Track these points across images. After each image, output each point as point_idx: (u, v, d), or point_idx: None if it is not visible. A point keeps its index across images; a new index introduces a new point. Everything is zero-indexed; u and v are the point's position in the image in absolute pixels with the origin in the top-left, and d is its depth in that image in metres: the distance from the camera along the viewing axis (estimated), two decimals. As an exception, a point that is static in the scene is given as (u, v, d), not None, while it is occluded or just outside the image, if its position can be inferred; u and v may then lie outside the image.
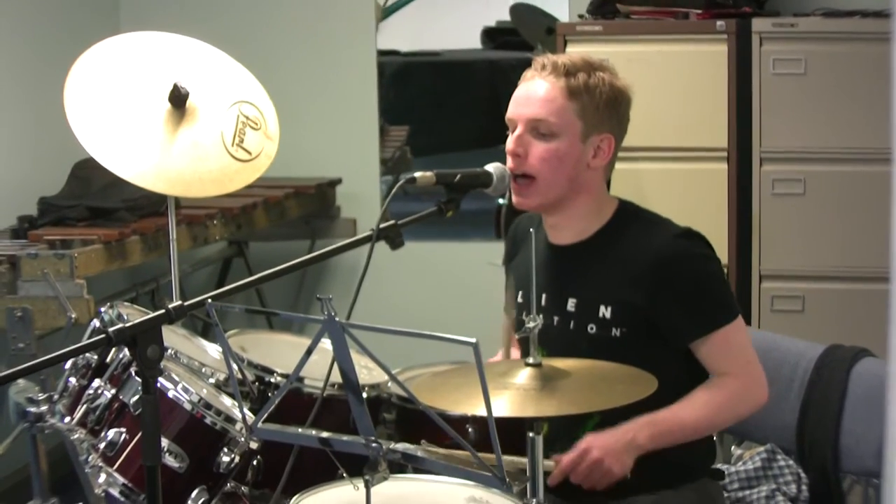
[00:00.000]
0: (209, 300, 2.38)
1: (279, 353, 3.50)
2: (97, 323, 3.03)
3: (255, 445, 2.87)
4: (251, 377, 3.25)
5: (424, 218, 2.66)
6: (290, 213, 5.39)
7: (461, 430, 3.11)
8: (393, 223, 2.59)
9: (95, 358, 2.93)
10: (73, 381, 2.93)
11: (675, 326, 2.85)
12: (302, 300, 5.84)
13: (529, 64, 2.94)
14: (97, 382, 2.85)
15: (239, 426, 2.81)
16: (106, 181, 4.34)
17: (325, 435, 2.47)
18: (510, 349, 3.07)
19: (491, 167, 2.78)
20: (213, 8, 5.70)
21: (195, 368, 3.12)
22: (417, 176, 2.64)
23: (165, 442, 2.72)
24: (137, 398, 2.73)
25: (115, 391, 2.82)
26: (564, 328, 2.91)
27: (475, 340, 2.11)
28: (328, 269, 5.76)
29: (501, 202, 4.90)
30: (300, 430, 2.55)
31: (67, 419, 2.84)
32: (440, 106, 6.34)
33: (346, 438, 2.44)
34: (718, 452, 3.33)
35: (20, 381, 2.80)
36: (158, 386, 2.55)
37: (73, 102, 3.11)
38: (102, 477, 2.74)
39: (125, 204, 4.34)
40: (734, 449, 3.49)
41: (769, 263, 4.62)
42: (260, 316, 5.24)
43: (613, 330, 2.85)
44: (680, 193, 4.60)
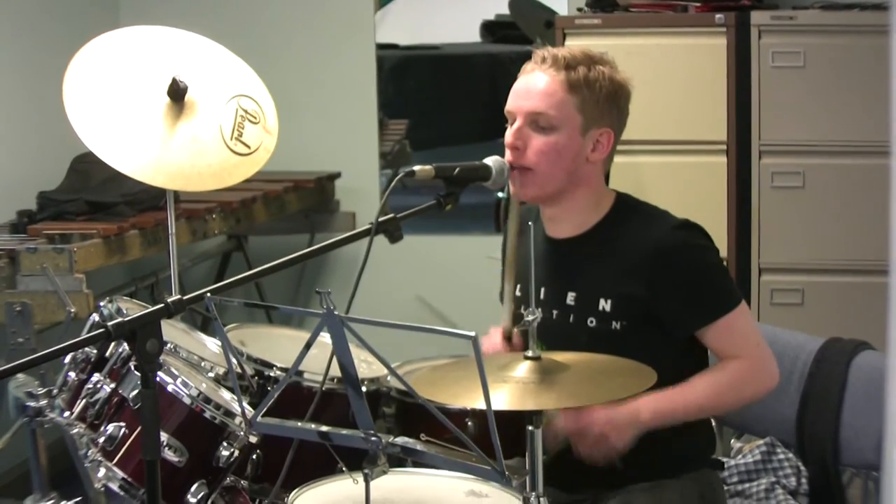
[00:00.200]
0: (208, 294, 2.38)
1: (278, 347, 3.50)
2: (96, 317, 3.03)
3: (254, 439, 2.87)
4: (250, 371, 3.25)
5: (423, 211, 2.65)
6: (289, 207, 5.38)
7: (460, 423, 3.11)
8: (392, 217, 2.59)
9: (95, 352, 2.93)
10: (72, 375, 2.93)
11: (678, 317, 2.85)
12: (301, 294, 5.83)
13: (529, 57, 2.94)
14: (96, 377, 2.85)
15: (238, 420, 2.81)
16: (105, 175, 4.33)
17: (324, 429, 2.47)
18: (511, 332, 3.03)
19: (490, 160, 2.78)
20: (212, 2, 5.70)
21: (194, 363, 3.12)
22: (416, 169, 2.63)
23: (165, 436, 2.72)
24: (137, 392, 2.73)
25: (114, 385, 2.82)
26: (564, 322, 2.91)
27: (474, 334, 2.11)
28: (327, 262, 5.76)
29: (500, 196, 4.90)
30: (299, 424, 2.55)
31: (67, 414, 2.84)
32: (439, 100, 6.34)
33: (345, 432, 2.44)
34: (718, 445, 3.33)
35: (20, 375, 2.80)
36: (158, 380, 2.55)
37: (72, 97, 3.10)
38: (102, 471, 2.73)
39: (124, 198, 4.33)
40: (734, 442, 3.49)
41: (768, 256, 4.62)
42: (259, 310, 5.23)
43: (613, 323, 2.85)
44: (679, 187, 4.60)
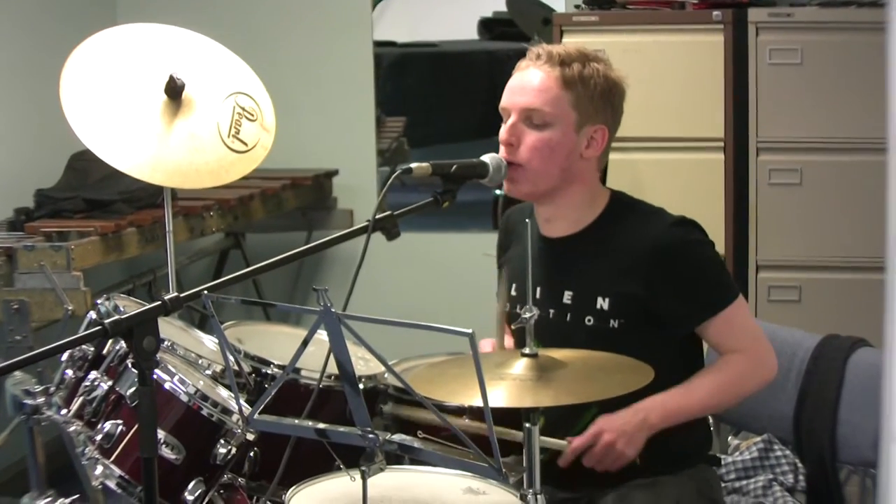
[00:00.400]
0: (205, 292, 2.37)
1: (276, 344, 3.49)
2: (94, 315, 3.03)
3: (251, 437, 2.87)
4: (248, 368, 3.24)
5: (420, 209, 2.65)
6: (286, 204, 5.39)
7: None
8: (389, 214, 2.58)
9: (92, 350, 2.92)
10: (69, 373, 2.93)
11: (677, 313, 2.85)
12: (299, 291, 5.84)
13: (526, 54, 2.94)
14: (94, 374, 2.84)
15: (235, 418, 2.80)
16: (102, 173, 4.33)
17: (321, 426, 2.47)
18: (503, 338, 3.05)
19: (487, 158, 2.77)
20: (210, 0, 5.70)
21: (192, 360, 3.11)
22: (413, 167, 2.63)
23: (162, 434, 2.72)
24: (134, 390, 2.73)
25: (111, 383, 2.82)
26: (561, 321, 2.90)
27: (471, 331, 2.10)
28: (325, 260, 5.76)
29: (498, 193, 4.90)
30: (297, 421, 2.55)
31: (64, 411, 2.83)
32: (437, 97, 6.34)
33: (342, 430, 2.44)
34: (715, 442, 3.33)
35: (17, 373, 2.80)
36: (155, 378, 2.55)
37: (69, 94, 3.10)
38: (99, 469, 2.73)
39: (122, 196, 4.33)
40: (731, 439, 3.49)
41: (766, 253, 4.62)
42: (257, 307, 5.24)
43: (611, 321, 2.85)
44: (676, 183, 4.60)
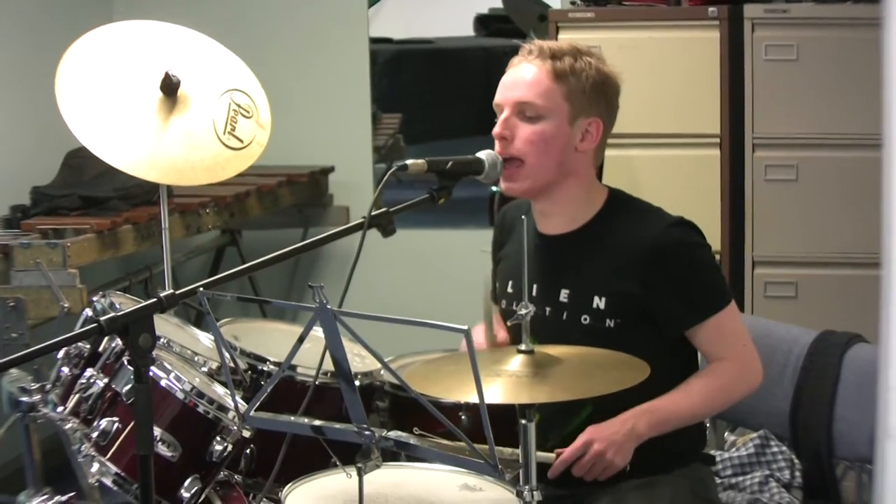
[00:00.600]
0: (201, 289, 2.37)
1: (272, 341, 3.49)
2: (90, 312, 3.02)
3: (247, 434, 2.87)
4: (244, 366, 3.24)
5: (416, 205, 2.65)
6: (282, 201, 5.38)
7: (454, 417, 3.11)
8: (385, 211, 2.58)
9: (88, 347, 2.92)
10: (65, 370, 2.92)
11: (670, 315, 2.84)
12: (295, 288, 5.84)
13: (523, 51, 2.94)
14: (90, 372, 2.84)
15: (232, 415, 2.80)
16: (98, 170, 4.33)
17: (317, 423, 2.46)
18: (491, 325, 3.02)
19: (483, 154, 2.77)
20: (205, -4, 5.70)
21: (188, 357, 3.11)
22: (409, 163, 2.62)
23: (158, 431, 2.72)
24: (130, 387, 2.72)
25: (107, 380, 2.81)
26: (557, 319, 2.90)
27: (467, 328, 2.10)
28: (321, 257, 5.76)
29: (495, 190, 4.90)
30: (293, 418, 2.55)
31: (60, 409, 2.83)
32: (433, 93, 6.34)
33: (338, 426, 2.44)
34: (711, 439, 3.33)
35: (13, 370, 2.79)
36: (151, 375, 2.56)
37: (64, 91, 3.10)
38: (95, 466, 2.73)
39: (117, 193, 4.33)
40: (727, 435, 3.49)
41: (762, 249, 4.63)
42: (253, 304, 5.23)
43: (607, 321, 2.84)
44: (673, 180, 4.60)
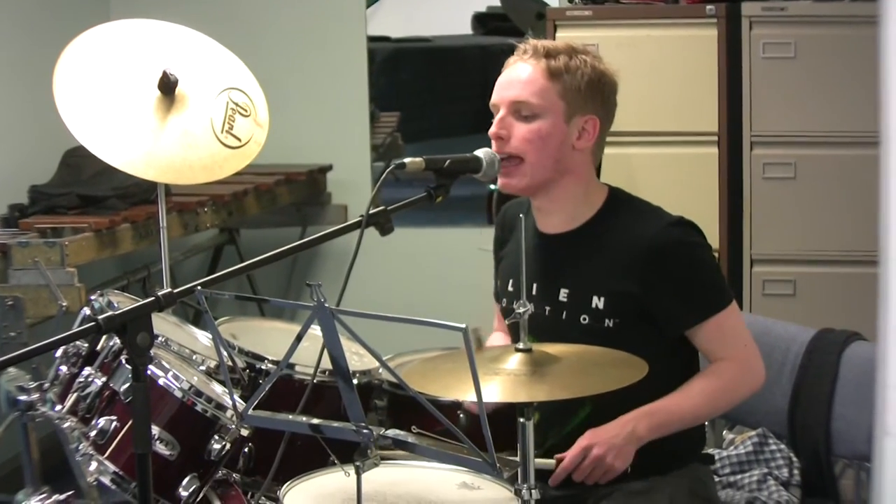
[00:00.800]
0: (199, 287, 2.37)
1: (270, 339, 3.49)
2: (88, 311, 3.02)
3: (245, 432, 2.87)
4: (242, 364, 3.24)
5: (414, 204, 2.65)
6: (281, 199, 5.38)
7: (452, 416, 3.11)
8: (383, 209, 2.58)
9: (86, 346, 2.92)
10: (63, 369, 2.93)
11: (669, 315, 2.84)
12: (293, 287, 5.84)
13: (521, 50, 2.94)
14: (88, 370, 2.85)
15: (230, 413, 2.80)
16: (96, 169, 4.33)
17: (315, 422, 2.46)
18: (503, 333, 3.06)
19: (480, 152, 2.77)
20: (203, -5, 5.69)
21: (186, 356, 3.11)
22: (407, 161, 2.62)
23: (156, 429, 2.72)
24: (128, 386, 2.72)
25: (105, 379, 2.82)
26: (556, 318, 2.89)
27: (465, 326, 2.10)
28: (319, 255, 5.76)
29: (493, 188, 4.90)
30: (291, 416, 2.55)
31: (58, 407, 2.83)
32: (431, 92, 6.34)
33: (336, 425, 2.44)
34: (710, 437, 3.33)
35: (11, 369, 2.80)
36: (149, 373, 2.55)
37: (62, 90, 3.10)
38: (93, 465, 2.73)
39: (115, 192, 4.33)
40: (726, 433, 3.50)
41: (760, 247, 4.63)
42: (251, 303, 5.23)
43: (606, 321, 2.83)
44: (671, 178, 4.60)
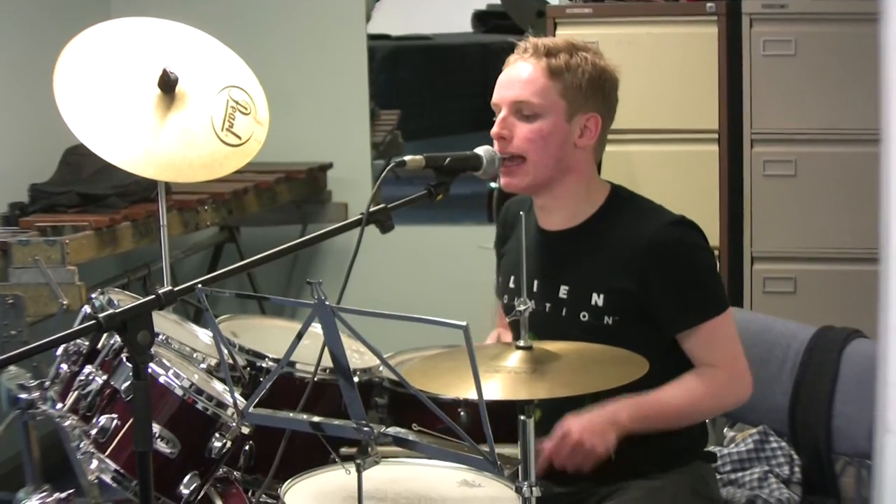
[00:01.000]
0: (199, 285, 2.37)
1: (270, 337, 3.50)
2: (88, 309, 3.02)
3: (246, 430, 2.87)
4: (242, 362, 3.24)
5: (414, 201, 2.65)
6: (281, 197, 5.38)
7: (453, 413, 3.11)
8: (383, 207, 2.58)
9: (87, 344, 2.92)
10: (64, 367, 2.92)
11: (664, 315, 2.83)
12: (293, 285, 5.84)
13: (520, 48, 2.94)
14: (88, 369, 2.84)
15: (230, 411, 2.80)
16: (96, 167, 4.33)
17: (316, 419, 2.47)
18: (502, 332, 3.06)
19: (481, 150, 2.77)
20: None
21: (186, 354, 3.11)
22: (407, 159, 2.62)
23: (157, 427, 2.72)
24: (129, 384, 2.72)
25: (106, 377, 2.82)
26: (556, 315, 2.89)
27: (466, 324, 2.10)
28: (319, 253, 5.76)
29: (493, 186, 4.90)
30: (291, 414, 2.55)
31: (59, 406, 2.83)
32: (431, 90, 6.34)
33: (337, 423, 2.44)
34: (711, 435, 3.33)
35: (12, 368, 2.80)
36: (149, 371, 2.56)
37: (62, 88, 3.10)
38: (94, 463, 2.73)
39: (116, 190, 4.33)
40: (727, 431, 3.49)
41: (761, 245, 4.62)
42: (251, 301, 5.23)
43: (606, 318, 2.83)
44: (671, 175, 4.60)
